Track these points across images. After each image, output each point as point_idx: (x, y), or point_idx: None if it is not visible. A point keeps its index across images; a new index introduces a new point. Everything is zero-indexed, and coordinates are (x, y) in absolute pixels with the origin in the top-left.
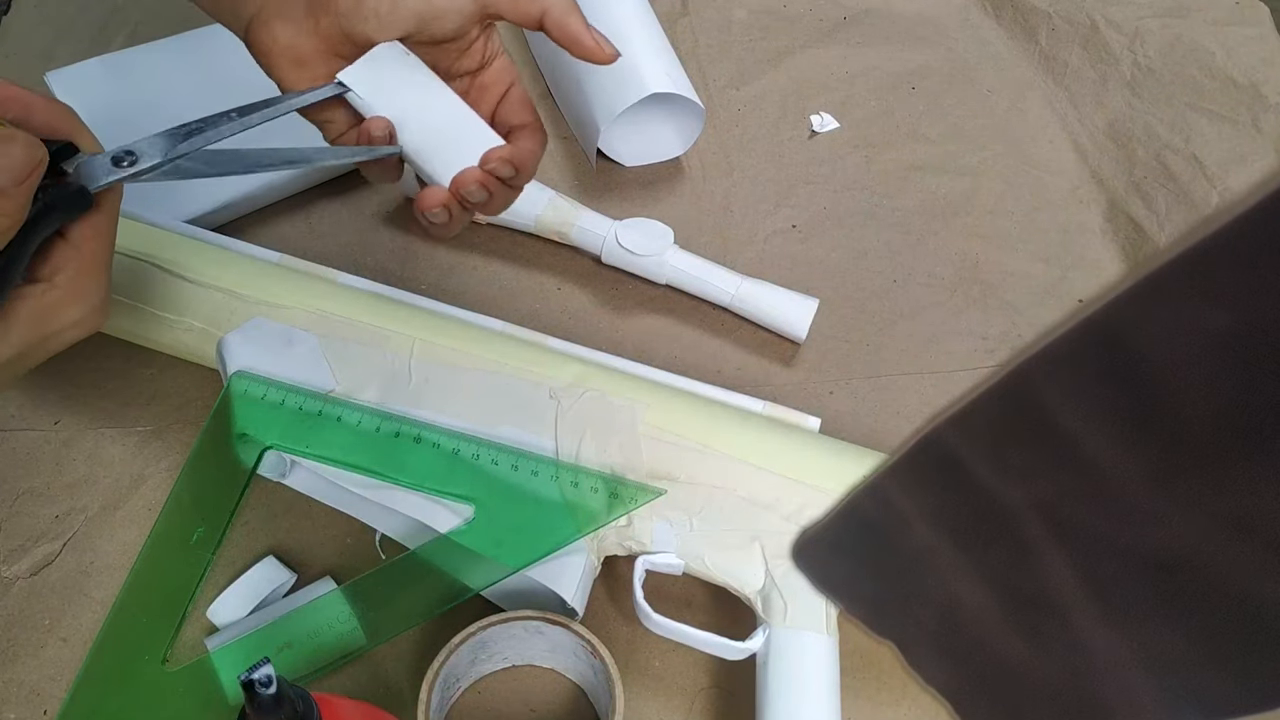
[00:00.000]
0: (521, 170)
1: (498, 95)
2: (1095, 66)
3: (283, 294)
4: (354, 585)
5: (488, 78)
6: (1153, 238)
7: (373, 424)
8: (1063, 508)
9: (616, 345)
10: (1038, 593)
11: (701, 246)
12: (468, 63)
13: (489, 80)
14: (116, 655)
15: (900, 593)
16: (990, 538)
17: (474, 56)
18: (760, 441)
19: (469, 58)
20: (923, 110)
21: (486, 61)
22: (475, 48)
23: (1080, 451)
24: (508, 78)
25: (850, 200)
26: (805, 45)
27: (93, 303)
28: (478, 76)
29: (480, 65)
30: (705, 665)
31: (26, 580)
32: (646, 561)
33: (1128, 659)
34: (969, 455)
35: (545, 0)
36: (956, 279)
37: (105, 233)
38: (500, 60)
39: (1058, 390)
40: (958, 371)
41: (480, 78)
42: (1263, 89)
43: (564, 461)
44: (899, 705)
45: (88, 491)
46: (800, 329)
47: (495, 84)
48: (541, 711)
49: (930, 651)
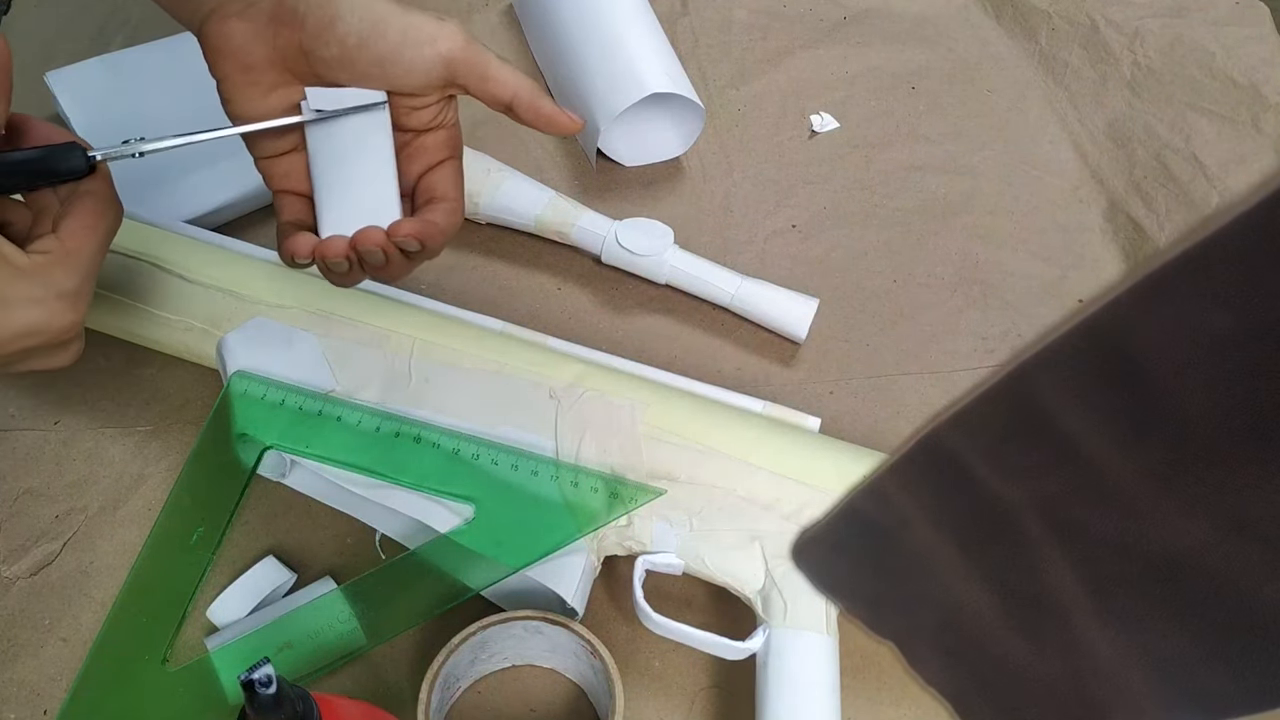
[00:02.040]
0: (427, 246)
1: (431, 162)
2: (1095, 66)
3: (283, 294)
4: (354, 585)
5: (430, 141)
6: (1153, 238)
7: (373, 424)
8: (1063, 508)
9: (616, 345)
10: (1038, 593)
11: (701, 246)
12: (415, 120)
13: (430, 144)
14: (116, 655)
15: (900, 593)
16: (990, 538)
17: (424, 117)
18: (760, 441)
19: (419, 116)
20: (923, 110)
21: (435, 126)
22: (429, 110)
23: (1080, 451)
24: (450, 149)
25: (850, 200)
26: (805, 45)
27: (59, 288)
28: (420, 137)
29: (427, 128)
30: (705, 665)
31: (26, 580)
32: (646, 561)
33: (1128, 659)
34: (969, 455)
35: (513, 85)
36: (956, 279)
37: (92, 223)
38: (449, 131)
39: (1058, 390)
40: (958, 371)
41: (423, 139)
42: (1263, 89)
43: (564, 461)
44: (899, 705)
45: (88, 491)
46: (800, 329)
47: (434, 150)
48: (541, 711)
49: (930, 652)
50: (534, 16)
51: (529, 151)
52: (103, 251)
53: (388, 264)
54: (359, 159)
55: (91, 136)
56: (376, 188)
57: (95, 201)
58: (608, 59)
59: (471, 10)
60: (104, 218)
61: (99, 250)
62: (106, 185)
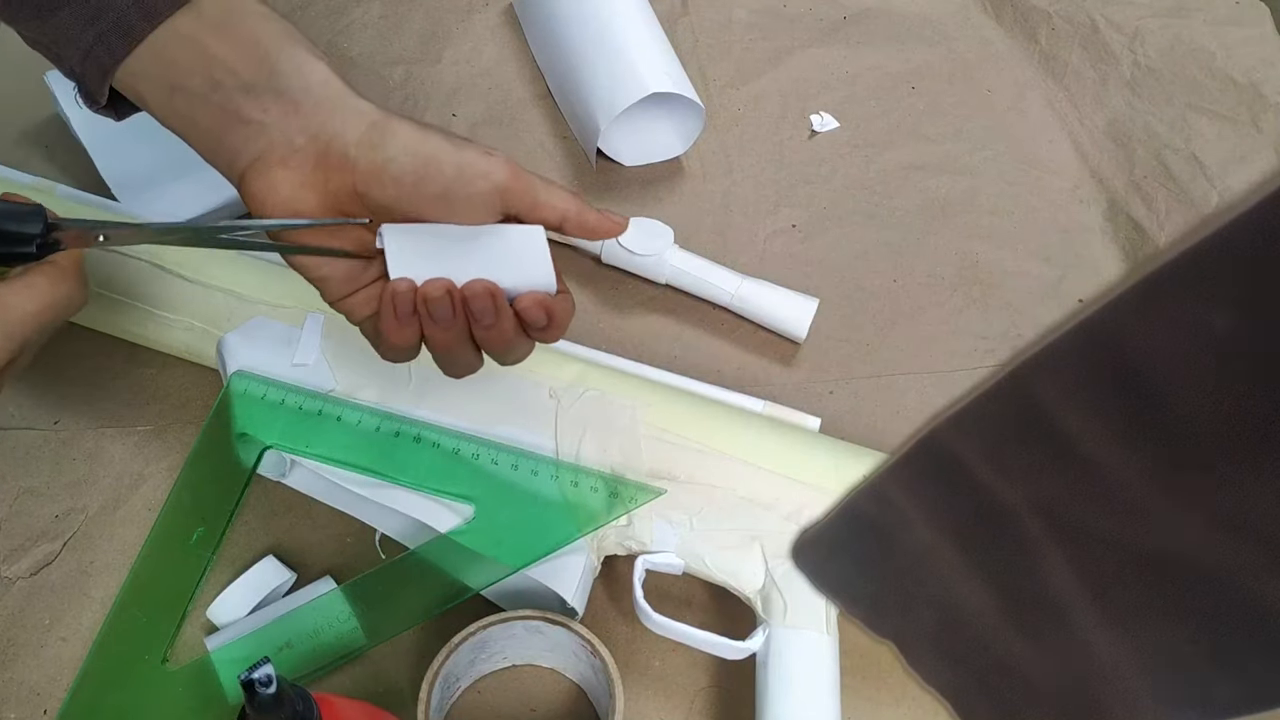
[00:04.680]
0: (554, 322)
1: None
2: (1095, 66)
3: (283, 294)
4: (354, 585)
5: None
6: (1153, 238)
7: (373, 424)
8: (1063, 507)
9: (616, 345)
10: (1038, 593)
11: (701, 246)
12: None
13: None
14: (116, 655)
15: (900, 593)
16: (990, 538)
17: None
18: (760, 441)
19: None
20: (923, 110)
21: None
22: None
23: (1080, 451)
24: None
25: (850, 200)
26: (805, 45)
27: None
28: None
29: None
30: (705, 665)
31: (26, 580)
32: (646, 561)
33: (1128, 659)
34: (969, 455)
35: (562, 208)
36: (956, 279)
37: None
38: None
39: (1057, 390)
40: (958, 371)
41: None
42: (1263, 89)
43: (564, 461)
44: (899, 705)
45: (88, 491)
46: (800, 329)
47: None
48: (541, 711)
49: (930, 651)
50: (534, 16)
51: (529, 152)
52: (38, 321)
53: (496, 324)
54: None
55: (92, 137)
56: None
57: (53, 269)
58: (608, 58)
59: (471, 10)
60: (55, 286)
61: (33, 318)
62: (72, 262)
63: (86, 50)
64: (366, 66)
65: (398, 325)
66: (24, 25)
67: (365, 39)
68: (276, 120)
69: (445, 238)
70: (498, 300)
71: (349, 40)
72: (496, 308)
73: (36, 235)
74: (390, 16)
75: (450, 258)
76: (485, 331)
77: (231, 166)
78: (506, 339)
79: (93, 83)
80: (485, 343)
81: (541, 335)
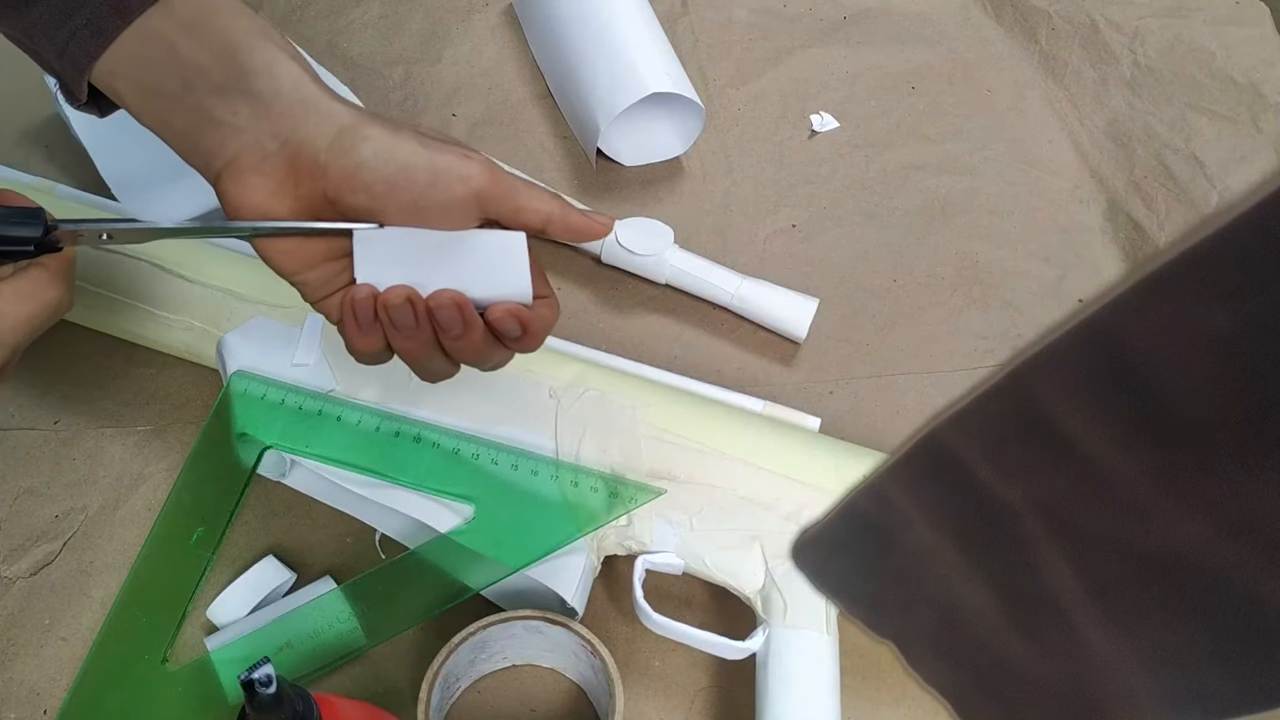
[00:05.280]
0: (528, 332)
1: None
2: (1095, 66)
3: (283, 294)
4: (354, 585)
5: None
6: (1153, 238)
7: (373, 423)
8: (1063, 508)
9: (616, 345)
10: (1038, 593)
11: (701, 246)
12: None
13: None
14: (116, 655)
15: (900, 593)
16: (990, 538)
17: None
18: (760, 441)
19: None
20: (923, 110)
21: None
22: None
23: (1080, 451)
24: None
25: (850, 200)
26: (805, 45)
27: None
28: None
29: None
30: (705, 665)
31: (26, 580)
32: (646, 561)
33: (1128, 659)
34: (969, 455)
35: (545, 211)
36: (956, 279)
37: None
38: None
39: (1057, 390)
40: (958, 371)
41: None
42: (1263, 89)
43: (564, 461)
44: (899, 705)
45: (88, 491)
46: (800, 329)
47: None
48: (541, 711)
49: (930, 651)
50: (534, 16)
51: (529, 152)
52: (30, 326)
53: (465, 335)
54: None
55: (92, 137)
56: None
57: (43, 272)
58: (608, 58)
59: (471, 10)
60: (45, 290)
61: (25, 323)
62: (62, 265)
63: (62, 47)
64: (366, 66)
65: (359, 332)
66: (2, 21)
67: (365, 39)
68: (247, 123)
69: (419, 244)
70: (465, 311)
71: (349, 40)
72: (464, 319)
73: (36, 237)
74: (390, 16)
75: (421, 265)
76: (454, 342)
77: (208, 167)
78: (476, 349)
79: (70, 80)
80: (455, 353)
81: (517, 345)
